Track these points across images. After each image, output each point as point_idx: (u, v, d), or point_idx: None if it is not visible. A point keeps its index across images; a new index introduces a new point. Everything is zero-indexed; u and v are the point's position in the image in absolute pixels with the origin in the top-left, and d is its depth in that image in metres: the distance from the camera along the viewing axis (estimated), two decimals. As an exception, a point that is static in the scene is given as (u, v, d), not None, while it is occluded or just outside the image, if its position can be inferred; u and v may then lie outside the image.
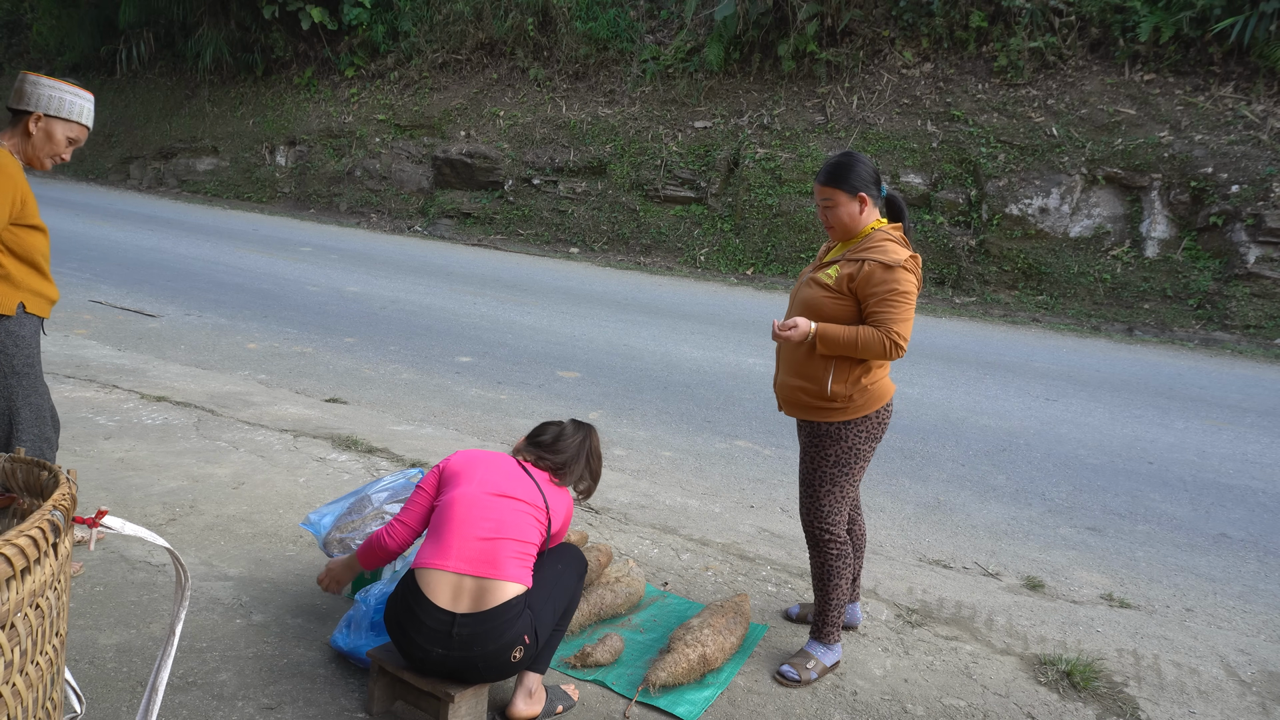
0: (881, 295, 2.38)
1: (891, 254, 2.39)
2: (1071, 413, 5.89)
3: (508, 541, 2.13)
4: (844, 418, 2.50)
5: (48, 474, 1.53)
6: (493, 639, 2.05)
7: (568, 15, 14.46)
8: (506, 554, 2.11)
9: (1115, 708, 2.57)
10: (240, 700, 2.23)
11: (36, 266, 2.59)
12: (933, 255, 10.74)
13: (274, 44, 17.17)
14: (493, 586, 2.07)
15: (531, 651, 2.14)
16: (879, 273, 2.38)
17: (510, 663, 2.10)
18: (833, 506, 2.56)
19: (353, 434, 4.44)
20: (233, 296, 7.96)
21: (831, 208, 2.49)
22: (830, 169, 2.49)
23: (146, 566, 2.88)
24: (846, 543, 2.60)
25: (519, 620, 2.08)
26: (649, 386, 5.92)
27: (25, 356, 2.58)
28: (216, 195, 17.19)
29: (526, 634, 2.11)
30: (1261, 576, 3.72)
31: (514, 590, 2.09)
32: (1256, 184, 9.40)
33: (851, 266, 2.44)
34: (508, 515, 2.17)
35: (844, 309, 2.46)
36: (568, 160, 13.62)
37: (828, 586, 2.61)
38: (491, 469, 2.26)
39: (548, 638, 2.23)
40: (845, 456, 2.52)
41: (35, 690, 1.30)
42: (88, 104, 2.63)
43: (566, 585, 2.27)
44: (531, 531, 2.19)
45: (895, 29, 12.05)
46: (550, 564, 2.28)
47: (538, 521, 2.22)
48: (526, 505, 2.21)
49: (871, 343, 2.38)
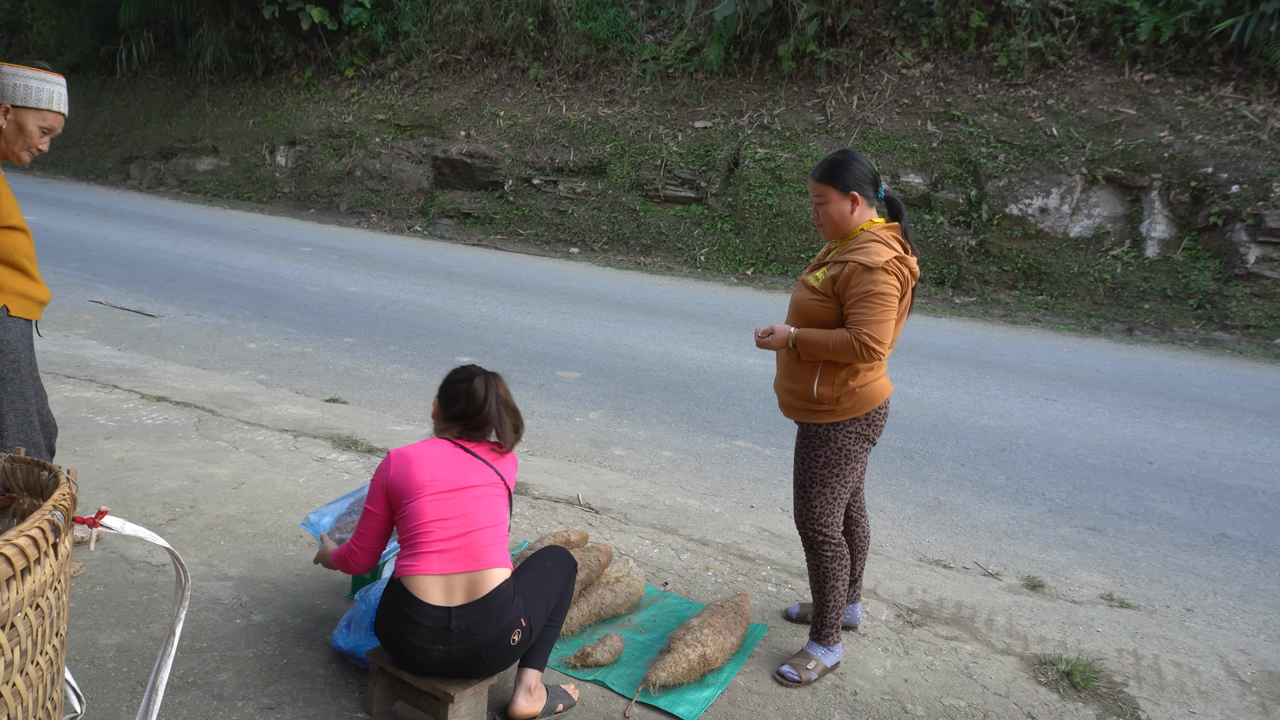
0: (858, 296, 2.36)
1: (873, 255, 2.36)
2: (1071, 413, 5.89)
3: (482, 531, 2.14)
4: (832, 419, 2.50)
5: (48, 474, 1.53)
6: (491, 625, 2.08)
7: (568, 15, 14.46)
8: (485, 543, 2.13)
9: (1115, 708, 2.57)
10: (240, 700, 2.23)
11: (20, 268, 2.50)
12: (933, 255, 10.74)
13: (274, 44, 17.16)
14: (481, 577, 2.10)
15: (527, 637, 2.16)
16: (858, 274, 2.37)
17: (510, 647, 2.12)
18: (824, 508, 2.56)
19: (353, 434, 4.44)
20: (233, 296, 7.96)
21: (822, 204, 2.48)
22: (825, 165, 2.48)
23: (147, 566, 2.88)
24: (842, 544, 2.59)
25: (512, 604, 2.12)
26: (649, 386, 5.92)
27: (10, 362, 2.50)
28: (216, 195, 17.18)
29: (522, 616, 2.14)
30: (1261, 576, 3.72)
31: (501, 575, 2.13)
32: (1256, 184, 9.40)
33: (836, 269, 2.43)
34: (472, 505, 2.16)
35: (828, 311, 2.45)
36: (568, 160, 13.62)
37: (824, 588, 2.60)
38: (436, 465, 2.18)
39: (542, 631, 2.24)
40: (835, 458, 2.52)
41: (35, 690, 1.30)
42: (58, 89, 2.49)
43: (557, 579, 2.29)
44: (499, 511, 2.20)
45: (895, 29, 12.05)
46: (538, 562, 2.31)
47: (500, 498, 2.22)
48: (485, 488, 2.20)
49: (844, 346, 2.37)
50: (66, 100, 2.55)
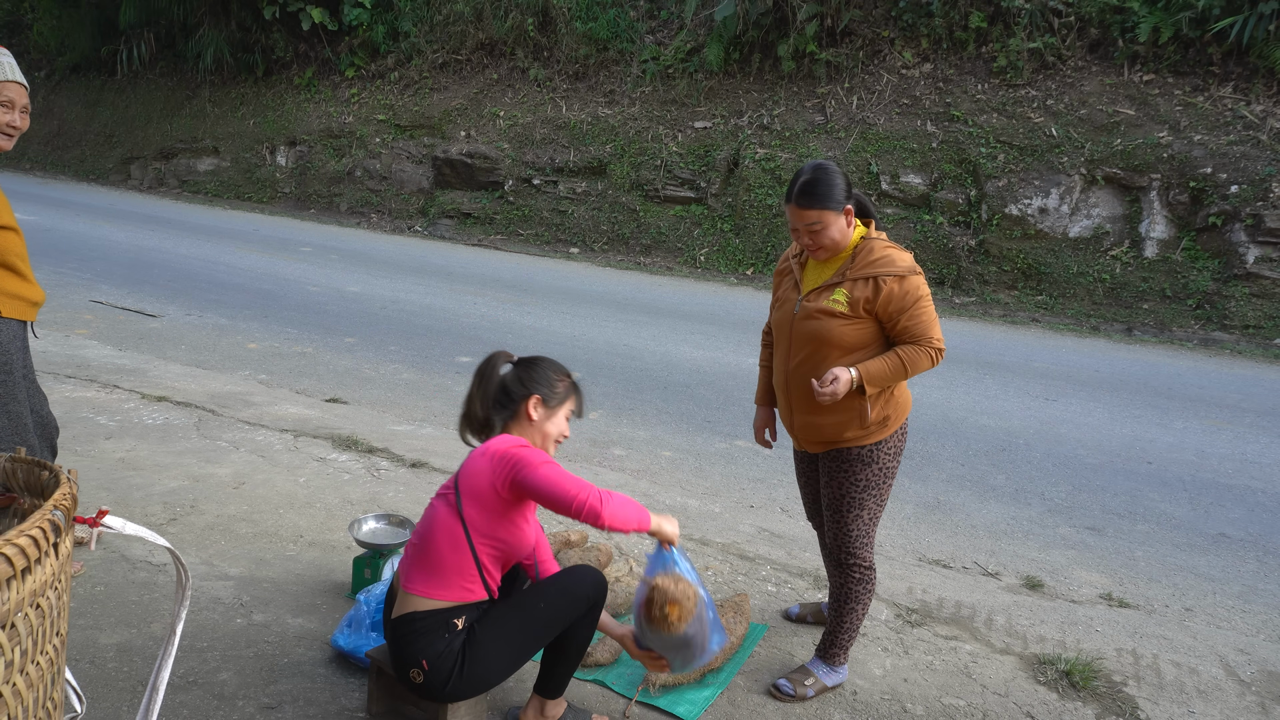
0: (909, 309, 2.28)
1: (899, 263, 2.29)
2: (1071, 413, 5.89)
3: (416, 548, 1.98)
4: (877, 439, 2.40)
5: (48, 474, 1.53)
6: (396, 647, 1.95)
7: (568, 15, 14.46)
8: (411, 562, 1.97)
9: (1115, 707, 2.58)
10: (240, 700, 2.23)
11: (12, 268, 2.47)
12: (933, 255, 10.74)
13: (274, 44, 17.17)
14: (400, 596, 1.97)
15: (432, 684, 1.91)
16: (897, 288, 2.27)
17: (414, 684, 1.93)
18: (861, 530, 2.44)
19: (353, 434, 4.44)
20: (233, 296, 7.96)
21: (821, 230, 2.27)
22: (808, 190, 2.25)
23: (147, 566, 2.88)
24: (872, 568, 2.47)
25: (420, 639, 1.90)
26: (649, 386, 5.93)
27: (2, 363, 2.46)
28: (217, 195, 17.18)
29: (427, 660, 1.89)
30: (1261, 576, 3.72)
31: (414, 604, 1.92)
32: (1256, 184, 9.40)
33: (865, 288, 2.29)
34: (424, 522, 2.01)
35: (864, 332, 2.33)
36: (568, 160, 13.62)
37: (843, 609, 2.50)
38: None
39: (555, 661, 2.07)
40: (875, 478, 2.41)
41: (35, 690, 1.30)
42: (5, 58, 2.38)
43: (543, 619, 1.99)
44: (431, 527, 1.96)
45: (895, 29, 12.05)
46: (531, 598, 2.02)
47: (442, 511, 1.97)
48: (437, 498, 2.01)
49: (919, 359, 2.29)
50: (17, 67, 2.43)
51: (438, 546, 1.94)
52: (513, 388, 2.10)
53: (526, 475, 1.91)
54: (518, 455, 1.95)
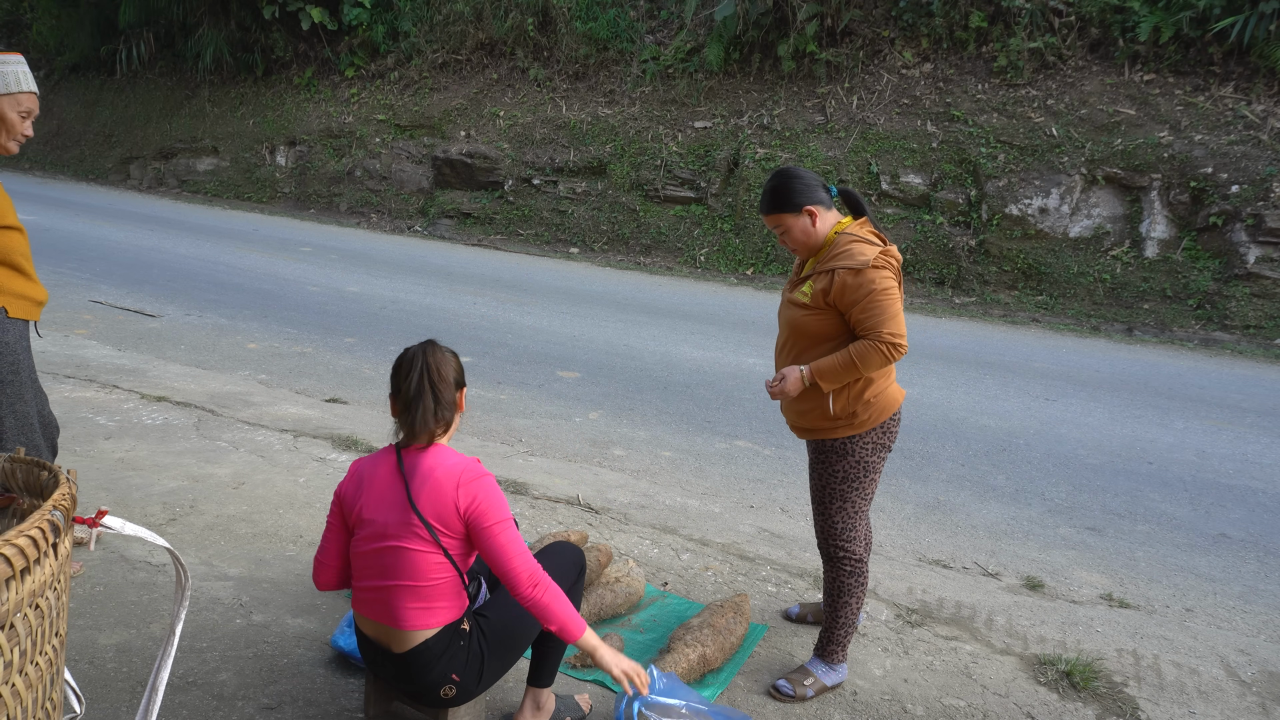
0: (860, 301, 2.28)
1: (858, 256, 2.29)
2: (1071, 413, 5.89)
3: (397, 589, 1.91)
4: (850, 433, 2.43)
5: (48, 474, 1.53)
6: (417, 678, 1.96)
7: (568, 15, 14.46)
8: (399, 602, 1.91)
9: (1115, 708, 2.57)
10: (240, 700, 2.23)
11: (17, 268, 2.48)
12: (932, 255, 10.74)
13: (274, 44, 17.16)
14: (398, 636, 1.94)
15: (467, 687, 1.98)
16: (850, 280, 2.29)
17: (443, 699, 1.98)
18: (845, 522, 2.48)
19: (353, 434, 4.44)
20: (233, 296, 7.96)
21: (784, 232, 2.42)
22: (768, 197, 2.42)
23: (146, 566, 2.88)
24: (863, 560, 2.51)
25: (440, 660, 1.94)
26: (649, 386, 5.92)
27: (9, 363, 2.47)
28: (216, 195, 17.18)
29: (455, 672, 1.95)
30: (1261, 576, 3.72)
31: (421, 636, 1.93)
32: (1256, 184, 9.40)
33: (824, 280, 2.36)
34: (388, 560, 1.91)
35: (828, 323, 2.38)
36: (568, 160, 13.61)
37: (837, 604, 2.52)
38: (371, 495, 1.95)
39: (545, 653, 2.13)
40: (854, 471, 2.45)
41: (35, 690, 1.30)
42: (20, 67, 2.39)
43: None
44: (419, 566, 1.90)
45: (895, 29, 12.05)
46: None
47: (423, 552, 1.90)
48: (402, 541, 1.90)
49: (869, 355, 2.28)
50: (32, 76, 2.45)
51: (428, 578, 1.92)
52: None
53: (490, 535, 1.89)
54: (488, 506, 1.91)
